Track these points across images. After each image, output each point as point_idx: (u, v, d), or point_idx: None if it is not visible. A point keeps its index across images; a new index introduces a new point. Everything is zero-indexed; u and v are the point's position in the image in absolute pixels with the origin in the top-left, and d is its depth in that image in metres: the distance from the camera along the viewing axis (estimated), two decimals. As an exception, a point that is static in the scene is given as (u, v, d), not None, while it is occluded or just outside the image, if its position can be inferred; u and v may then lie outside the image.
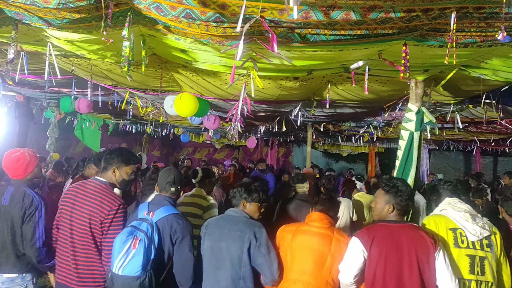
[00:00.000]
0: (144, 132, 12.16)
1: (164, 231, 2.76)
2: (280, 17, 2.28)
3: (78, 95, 6.48)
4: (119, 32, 2.57)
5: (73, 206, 2.82)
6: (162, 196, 3.00)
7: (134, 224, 2.75)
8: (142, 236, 2.65)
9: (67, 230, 2.80)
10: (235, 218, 2.94)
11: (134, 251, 2.59)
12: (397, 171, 3.80)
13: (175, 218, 2.82)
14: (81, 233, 2.75)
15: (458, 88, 4.35)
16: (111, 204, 2.78)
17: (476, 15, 2.29)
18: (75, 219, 2.79)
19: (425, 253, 2.50)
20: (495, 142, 10.12)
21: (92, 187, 2.87)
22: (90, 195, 2.82)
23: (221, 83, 4.36)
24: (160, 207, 2.86)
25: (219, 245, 2.85)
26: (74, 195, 2.87)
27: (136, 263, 2.58)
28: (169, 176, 3.04)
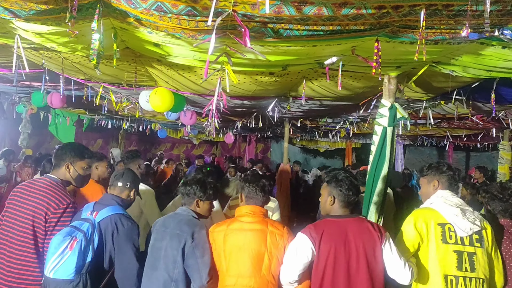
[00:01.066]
0: (120, 127, 11.98)
1: (107, 232, 2.59)
2: (253, 12, 2.28)
3: (50, 90, 6.33)
4: (89, 25, 2.51)
5: (19, 204, 2.67)
6: (110, 195, 2.84)
7: (75, 224, 2.57)
8: (80, 236, 2.47)
9: (7, 229, 2.65)
10: (180, 216, 2.79)
11: (70, 252, 2.42)
12: (370, 166, 3.85)
13: (119, 218, 2.65)
14: (22, 233, 2.59)
15: (430, 84, 4.44)
16: (59, 201, 2.64)
17: (445, 12, 2.33)
18: (18, 217, 2.63)
19: (372, 246, 2.49)
20: (467, 137, 10.39)
21: (41, 184, 2.71)
22: (38, 192, 2.67)
23: (196, 77, 4.33)
24: (106, 207, 2.69)
25: (159, 245, 2.70)
26: (22, 193, 2.71)
27: (69, 266, 2.40)
28: (119, 171, 2.96)
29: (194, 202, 2.85)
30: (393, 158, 3.86)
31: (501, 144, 8.35)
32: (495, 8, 2.27)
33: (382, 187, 3.74)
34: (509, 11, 2.32)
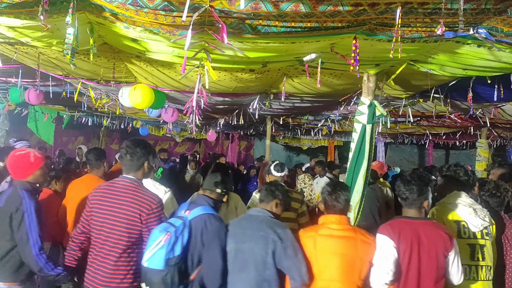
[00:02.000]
0: (101, 124, 11.81)
1: (197, 229, 2.72)
2: (230, 7, 2.26)
3: (27, 86, 6.20)
4: (64, 19, 2.46)
5: (108, 206, 2.72)
6: (203, 196, 2.97)
7: (171, 221, 2.73)
8: (172, 231, 2.62)
9: (98, 232, 2.71)
10: (258, 218, 2.84)
11: (161, 245, 2.56)
12: (350, 163, 3.89)
13: (209, 217, 2.77)
14: (115, 235, 2.66)
15: (409, 82, 4.49)
16: (151, 202, 2.70)
17: (421, 10, 2.36)
18: (109, 220, 2.69)
19: (443, 251, 2.67)
20: (446, 135, 10.57)
21: (127, 185, 2.76)
22: (126, 194, 2.72)
23: (176, 74, 4.29)
24: (198, 206, 2.83)
25: (242, 247, 2.75)
26: (107, 195, 2.76)
27: (160, 257, 2.54)
28: (217, 177, 3.01)
29: (273, 203, 2.93)
30: (372, 155, 3.90)
31: (479, 142, 8.52)
32: (469, 7, 2.31)
33: (362, 184, 3.78)
34: (483, 9, 2.36)
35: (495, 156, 13.67)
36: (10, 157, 2.98)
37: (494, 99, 4.47)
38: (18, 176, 2.95)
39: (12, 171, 3.00)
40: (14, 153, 3.00)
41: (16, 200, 2.80)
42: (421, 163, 16.32)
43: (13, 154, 2.99)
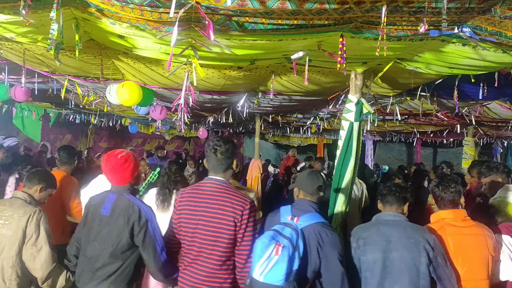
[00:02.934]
0: (89, 122, 11.71)
1: (311, 241, 2.52)
2: (216, 4, 2.25)
3: (13, 82, 6.12)
4: (49, 14, 2.43)
5: (196, 213, 2.55)
6: (306, 201, 2.77)
7: (277, 228, 2.52)
8: (285, 242, 2.41)
9: (191, 240, 2.55)
10: (399, 223, 2.66)
11: (276, 257, 2.34)
12: (337, 160, 3.91)
13: (323, 228, 2.59)
14: (211, 240, 2.49)
15: (396, 80, 4.53)
16: (243, 203, 2.51)
17: (406, 9, 2.37)
18: (201, 226, 2.52)
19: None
20: (433, 133, 10.68)
21: (217, 187, 2.58)
22: (215, 198, 2.54)
23: (164, 71, 4.27)
24: (306, 213, 2.64)
25: (390, 256, 2.57)
26: (192, 200, 2.60)
27: (279, 271, 2.32)
28: (319, 180, 2.81)
29: (405, 206, 2.77)
30: (359, 153, 3.93)
31: (465, 140, 8.62)
32: (453, 6, 2.33)
33: (349, 181, 3.80)
34: (468, 8, 2.39)
35: (481, 154, 13.87)
36: (110, 160, 2.76)
37: (479, 98, 4.53)
38: (123, 181, 2.77)
39: (114, 175, 2.77)
40: (115, 156, 2.77)
41: (131, 208, 2.65)
42: (409, 161, 16.48)
43: (115, 156, 2.77)
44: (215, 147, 2.60)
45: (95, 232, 2.71)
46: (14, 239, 2.90)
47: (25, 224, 2.92)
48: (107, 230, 2.66)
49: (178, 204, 2.66)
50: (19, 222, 2.92)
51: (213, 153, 2.61)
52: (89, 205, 2.87)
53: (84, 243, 2.78)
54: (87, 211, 2.85)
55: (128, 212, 2.64)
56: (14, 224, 2.92)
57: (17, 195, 3.13)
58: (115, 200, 2.71)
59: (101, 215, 2.70)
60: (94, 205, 2.80)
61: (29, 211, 2.97)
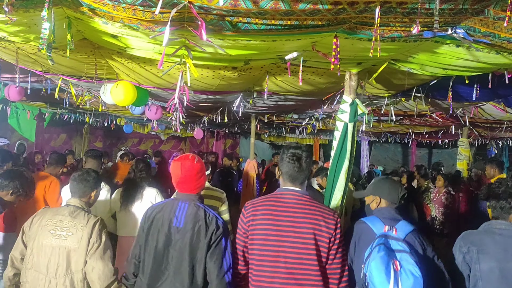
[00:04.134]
0: (84, 122, 11.65)
1: (417, 248, 2.51)
2: (209, 4, 2.24)
3: (7, 82, 6.08)
4: (41, 13, 2.41)
5: (284, 226, 2.28)
6: (392, 209, 2.74)
7: (382, 242, 2.39)
8: (401, 256, 2.30)
9: (273, 255, 2.27)
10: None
11: (399, 273, 2.21)
12: (332, 161, 3.90)
13: (420, 235, 2.61)
14: (302, 257, 2.24)
15: (390, 81, 4.53)
16: (333, 217, 2.33)
17: (399, 10, 2.37)
18: (291, 240, 2.26)
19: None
20: (428, 134, 10.71)
21: (303, 200, 2.35)
22: (303, 210, 2.31)
23: (158, 71, 4.25)
24: (397, 222, 2.61)
25: (508, 266, 2.48)
26: (271, 214, 2.31)
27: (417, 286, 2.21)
28: (402, 189, 2.81)
29: (510, 216, 2.66)
30: (353, 154, 3.93)
31: (460, 141, 8.65)
32: (447, 7, 2.33)
33: (343, 182, 3.80)
34: (461, 10, 2.39)
35: (476, 155, 13.93)
36: (185, 165, 2.56)
37: (473, 99, 4.55)
38: (195, 189, 2.61)
39: (190, 183, 2.59)
40: (190, 163, 2.58)
41: (208, 217, 2.46)
42: (404, 162, 16.53)
43: (190, 163, 2.57)
44: (297, 155, 2.39)
45: (164, 246, 2.45)
46: (80, 251, 2.65)
47: (90, 234, 2.67)
48: (182, 244, 2.42)
49: (250, 216, 2.36)
50: (83, 232, 2.67)
51: (296, 161, 2.38)
52: (151, 214, 2.55)
53: (149, 261, 2.48)
54: (149, 222, 2.53)
55: (206, 222, 2.44)
56: (78, 235, 2.67)
57: (72, 203, 2.85)
58: (188, 209, 2.50)
59: (172, 227, 2.45)
60: (161, 215, 2.51)
61: (92, 220, 2.73)
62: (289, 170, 2.39)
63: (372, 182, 3.07)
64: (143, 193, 4.08)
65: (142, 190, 4.10)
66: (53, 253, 2.64)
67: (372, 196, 2.89)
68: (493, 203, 2.73)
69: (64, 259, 2.62)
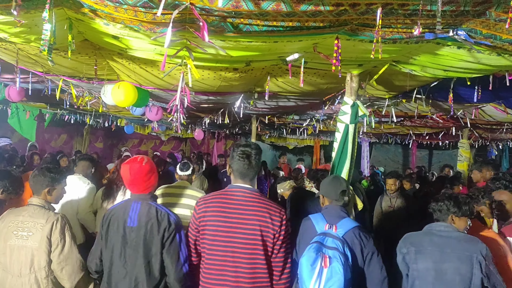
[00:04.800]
0: (85, 122, 11.65)
1: (355, 246, 2.55)
2: (211, 5, 2.24)
3: (7, 82, 6.08)
4: (42, 14, 2.41)
5: (226, 225, 2.37)
6: (336, 207, 2.78)
7: (318, 240, 2.50)
8: (332, 253, 2.40)
9: (222, 250, 2.37)
10: (451, 234, 2.70)
11: (326, 270, 2.33)
12: (332, 163, 3.91)
13: (362, 232, 2.63)
14: (248, 251, 2.34)
15: (392, 83, 4.53)
16: (280, 213, 2.42)
17: (401, 11, 2.37)
18: (238, 235, 2.35)
19: None
20: (429, 136, 10.70)
21: (250, 196, 2.43)
22: (248, 208, 2.40)
23: (159, 72, 4.25)
24: (340, 219, 2.66)
25: (443, 267, 2.61)
26: (221, 210, 2.41)
27: (337, 284, 2.30)
28: (342, 184, 2.84)
29: (448, 218, 2.79)
30: (354, 155, 3.93)
31: (461, 142, 8.64)
32: (448, 9, 2.33)
33: (344, 184, 3.80)
34: (462, 11, 2.38)
35: (477, 156, 13.92)
36: (134, 168, 2.63)
37: (474, 100, 4.54)
38: (146, 189, 2.67)
39: (140, 184, 2.65)
40: (139, 164, 2.65)
41: (160, 214, 2.55)
42: (405, 163, 16.51)
43: (138, 164, 2.65)
44: (247, 152, 2.46)
45: (121, 246, 2.55)
46: (41, 250, 2.66)
47: (49, 233, 2.68)
48: (136, 242, 2.52)
49: (201, 212, 2.45)
50: (43, 231, 2.68)
51: (246, 158, 2.45)
52: (108, 216, 2.66)
53: (108, 260, 2.59)
54: (107, 224, 2.63)
55: (158, 219, 2.53)
56: (38, 234, 2.68)
57: (33, 202, 2.84)
58: (141, 208, 2.58)
59: (127, 227, 2.55)
60: (116, 217, 2.61)
61: (52, 219, 2.72)
62: (239, 167, 2.48)
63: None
64: (125, 191, 4.14)
65: (125, 189, 4.16)
66: (17, 253, 2.68)
67: (321, 195, 2.97)
68: (433, 206, 2.87)
69: (27, 259, 2.66)
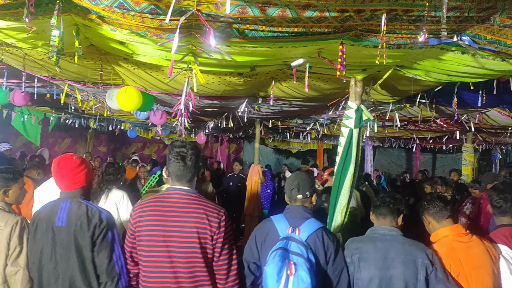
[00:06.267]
0: (89, 126, 11.70)
1: (319, 250, 2.41)
2: (217, 12, 2.27)
3: (12, 87, 6.13)
4: (50, 20, 2.44)
5: (162, 228, 2.27)
6: (298, 206, 2.61)
7: (282, 245, 2.35)
8: (297, 259, 2.27)
9: (159, 256, 2.26)
10: (395, 238, 2.52)
11: (292, 278, 2.20)
12: (337, 167, 3.90)
13: (325, 232, 2.50)
14: (187, 255, 2.25)
15: (395, 87, 4.54)
16: (218, 214, 2.32)
17: (405, 17, 2.39)
18: (175, 239, 2.26)
19: None
20: (432, 140, 10.69)
21: (187, 198, 2.34)
22: (185, 210, 2.31)
23: (164, 77, 4.28)
24: (303, 221, 2.50)
25: (387, 274, 2.42)
26: (156, 214, 2.31)
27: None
28: (293, 182, 2.65)
29: (399, 218, 2.64)
30: (359, 160, 3.93)
31: (465, 146, 8.63)
32: (453, 14, 2.34)
33: (349, 188, 3.80)
34: (467, 17, 2.40)
35: (480, 160, 13.89)
36: (62, 162, 2.55)
37: (478, 105, 4.54)
38: (73, 185, 2.55)
39: (66, 179, 2.55)
40: (68, 159, 2.58)
41: (90, 211, 2.44)
42: (408, 167, 16.49)
43: (68, 160, 2.57)
44: (182, 153, 2.35)
45: (50, 248, 2.42)
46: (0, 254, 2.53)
47: (8, 237, 2.53)
48: (67, 241, 2.39)
49: (136, 218, 2.34)
50: (1, 234, 2.54)
51: (181, 160, 2.35)
52: (36, 218, 2.52)
53: (37, 264, 2.45)
54: (34, 226, 2.49)
55: (88, 215, 2.41)
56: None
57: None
58: (70, 207, 2.45)
59: (55, 227, 2.41)
60: (44, 217, 2.47)
61: (11, 222, 2.57)
62: (175, 169, 2.37)
63: None
64: (108, 194, 4.19)
65: (108, 192, 4.21)
66: None
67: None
68: (372, 209, 2.74)
69: None
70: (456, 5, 2.21)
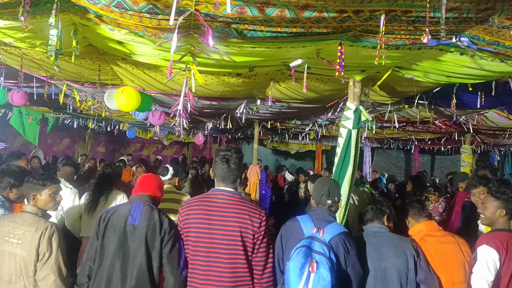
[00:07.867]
0: (87, 127, 11.67)
1: (339, 252, 2.56)
2: (216, 11, 2.26)
3: (11, 86, 6.11)
4: (47, 20, 2.43)
5: (214, 223, 2.44)
6: (324, 210, 2.78)
7: (305, 243, 2.50)
8: (319, 258, 2.41)
9: (205, 251, 2.43)
10: (386, 234, 2.88)
11: (313, 275, 2.33)
12: (335, 168, 3.90)
13: (347, 237, 2.65)
14: (229, 252, 2.41)
15: (394, 88, 4.54)
16: (260, 215, 2.48)
17: (404, 18, 2.38)
18: (220, 237, 2.42)
19: None
20: (431, 141, 10.69)
21: (231, 199, 2.50)
22: (230, 211, 2.46)
23: (162, 77, 4.27)
24: (327, 224, 2.66)
25: (382, 266, 2.72)
26: (203, 213, 2.47)
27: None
28: (324, 188, 2.82)
29: (384, 219, 2.98)
30: (357, 160, 3.92)
31: (463, 148, 8.63)
32: (452, 16, 2.34)
33: (347, 189, 3.79)
34: (465, 18, 2.40)
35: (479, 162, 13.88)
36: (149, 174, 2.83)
37: (477, 106, 4.54)
38: (148, 190, 2.78)
39: (149, 184, 2.81)
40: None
41: (162, 217, 2.61)
42: (407, 168, 16.48)
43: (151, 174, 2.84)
44: (227, 156, 2.53)
45: (119, 244, 2.55)
46: (29, 259, 2.62)
47: (38, 242, 2.62)
48: (139, 240, 2.54)
49: (185, 215, 2.53)
50: (32, 240, 2.62)
51: (225, 163, 2.53)
52: (107, 216, 2.66)
53: (101, 259, 2.58)
54: (105, 223, 2.63)
55: (161, 219, 2.59)
56: (27, 243, 2.62)
57: (27, 209, 2.78)
58: (143, 208, 2.63)
59: (128, 224, 2.57)
60: (116, 215, 2.63)
61: (41, 228, 2.66)
62: (220, 171, 2.56)
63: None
64: (107, 196, 4.22)
65: (107, 193, 4.22)
66: (7, 260, 2.64)
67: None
68: (365, 208, 3.07)
69: (17, 266, 2.62)
70: (455, 6, 2.21)
